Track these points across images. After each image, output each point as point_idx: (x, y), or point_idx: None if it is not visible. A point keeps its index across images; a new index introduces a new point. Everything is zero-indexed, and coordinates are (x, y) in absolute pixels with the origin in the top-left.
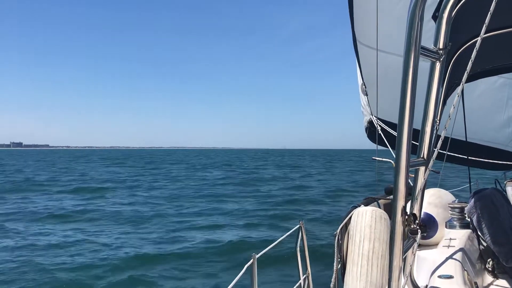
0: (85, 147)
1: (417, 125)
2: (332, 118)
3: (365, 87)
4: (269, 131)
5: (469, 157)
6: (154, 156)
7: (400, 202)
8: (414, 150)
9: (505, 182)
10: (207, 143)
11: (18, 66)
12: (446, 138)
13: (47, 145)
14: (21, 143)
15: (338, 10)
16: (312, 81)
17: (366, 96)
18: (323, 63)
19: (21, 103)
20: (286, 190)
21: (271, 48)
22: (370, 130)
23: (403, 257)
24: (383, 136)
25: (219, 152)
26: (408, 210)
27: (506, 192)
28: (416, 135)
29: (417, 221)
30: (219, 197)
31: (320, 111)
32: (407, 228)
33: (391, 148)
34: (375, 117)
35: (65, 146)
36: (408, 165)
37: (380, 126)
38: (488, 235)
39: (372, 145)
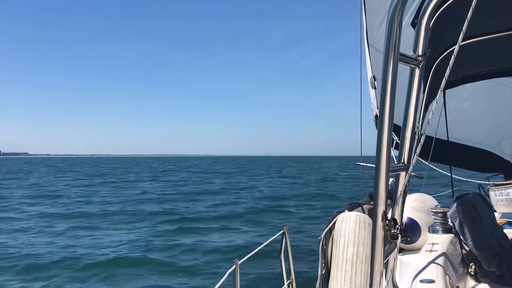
0: (65, 155)
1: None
2: (318, 125)
3: (375, 80)
4: (254, 138)
5: (454, 157)
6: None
7: (381, 207)
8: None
9: (488, 187)
10: (190, 151)
11: None
12: (430, 138)
13: (26, 153)
14: (0, 151)
15: (322, 18)
16: (298, 88)
17: (374, 90)
18: (308, 71)
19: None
20: None
21: (257, 57)
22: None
23: (385, 261)
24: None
25: (192, 159)
26: (390, 215)
27: (489, 197)
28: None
29: (397, 226)
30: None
31: (306, 118)
32: (388, 233)
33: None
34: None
35: (45, 154)
36: (388, 171)
37: None
38: (470, 240)
39: (356, 152)
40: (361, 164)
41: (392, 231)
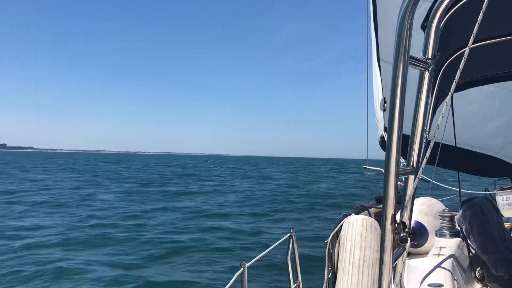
0: (71, 150)
1: (409, 133)
2: (324, 128)
3: (385, 103)
4: (259, 139)
5: (460, 163)
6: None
7: (390, 211)
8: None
9: (495, 191)
10: (196, 149)
11: (3, 68)
12: (437, 143)
13: (32, 147)
14: (5, 145)
15: (329, 19)
16: (305, 89)
17: (383, 112)
18: (315, 72)
19: (6, 104)
20: None
21: (263, 56)
22: (383, 144)
23: (393, 265)
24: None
25: (190, 158)
26: (398, 218)
27: (495, 201)
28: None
29: (406, 230)
30: None
31: (312, 120)
32: (396, 236)
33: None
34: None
35: (50, 149)
36: (398, 174)
37: None
38: (477, 244)
39: (361, 156)
40: (368, 167)
41: (401, 234)
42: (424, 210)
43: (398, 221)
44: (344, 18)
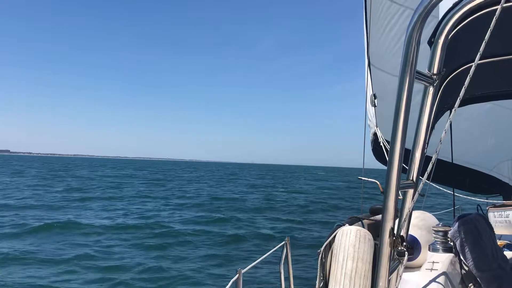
0: (48, 154)
1: (410, 147)
2: (304, 136)
3: (375, 98)
4: (239, 146)
5: (454, 179)
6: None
7: (389, 224)
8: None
9: (487, 208)
10: (177, 155)
11: None
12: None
13: (8, 151)
14: None
15: (311, 29)
16: (285, 98)
17: (374, 108)
18: (296, 81)
19: None
20: None
21: (243, 64)
22: (375, 143)
23: (388, 278)
24: (385, 154)
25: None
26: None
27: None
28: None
29: (404, 243)
30: None
31: (293, 128)
32: (394, 249)
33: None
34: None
35: (27, 152)
36: (398, 187)
37: (383, 144)
38: (470, 260)
39: (347, 163)
40: (363, 178)
41: (399, 248)
42: (418, 224)
43: (395, 234)
44: (325, 30)
